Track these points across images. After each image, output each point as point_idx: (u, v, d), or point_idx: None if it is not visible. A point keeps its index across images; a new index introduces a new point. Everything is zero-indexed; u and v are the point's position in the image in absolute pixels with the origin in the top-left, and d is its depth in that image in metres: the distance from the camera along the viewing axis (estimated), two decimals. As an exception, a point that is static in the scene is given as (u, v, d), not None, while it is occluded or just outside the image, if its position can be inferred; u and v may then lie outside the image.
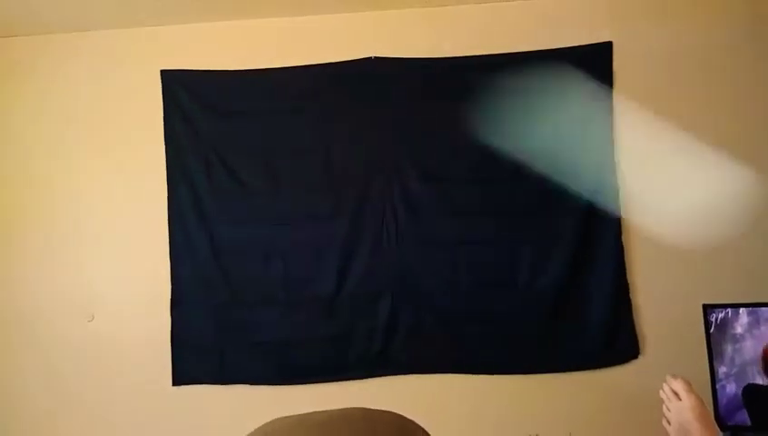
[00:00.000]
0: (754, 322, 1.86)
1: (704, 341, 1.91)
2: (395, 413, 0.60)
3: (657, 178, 2.48)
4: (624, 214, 2.46)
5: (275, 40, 2.63)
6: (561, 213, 2.46)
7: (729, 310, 1.90)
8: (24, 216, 2.63)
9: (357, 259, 2.49)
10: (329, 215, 2.51)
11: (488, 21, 2.58)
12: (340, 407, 0.60)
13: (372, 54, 2.57)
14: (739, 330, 1.87)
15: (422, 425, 0.61)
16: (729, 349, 1.87)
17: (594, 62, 2.52)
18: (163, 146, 2.59)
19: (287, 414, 0.59)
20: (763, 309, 1.87)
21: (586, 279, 2.43)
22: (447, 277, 2.47)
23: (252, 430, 0.59)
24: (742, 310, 1.88)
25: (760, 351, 1.84)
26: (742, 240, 2.42)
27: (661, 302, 2.42)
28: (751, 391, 1.81)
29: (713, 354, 1.89)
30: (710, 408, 1.38)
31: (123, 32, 2.67)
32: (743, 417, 1.82)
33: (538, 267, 2.44)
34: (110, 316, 2.56)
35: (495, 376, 2.45)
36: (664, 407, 1.27)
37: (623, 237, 2.45)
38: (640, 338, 2.42)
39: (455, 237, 2.48)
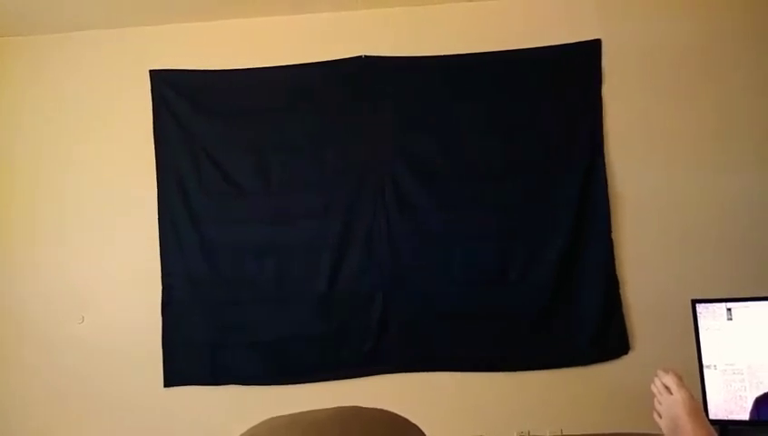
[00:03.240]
0: (742, 317, 1.88)
1: (693, 336, 1.93)
2: (387, 411, 0.60)
3: (646, 174, 2.49)
4: (613, 211, 2.47)
5: (265, 39, 2.63)
6: (551, 210, 2.47)
7: (717, 304, 1.91)
8: (13, 217, 2.60)
9: (349, 257, 2.49)
10: (321, 213, 2.51)
11: (478, 19, 2.59)
12: (333, 406, 0.60)
13: (363, 53, 2.56)
14: (727, 324, 1.89)
15: (415, 423, 0.61)
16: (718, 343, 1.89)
17: (583, 59, 2.53)
18: (153, 146, 2.57)
19: (280, 414, 0.59)
20: (751, 303, 1.89)
21: (577, 275, 2.44)
22: (438, 274, 2.47)
23: (245, 430, 0.59)
24: (730, 304, 1.90)
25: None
26: (730, 235, 2.45)
27: (650, 298, 2.44)
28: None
29: (701, 349, 1.91)
30: (699, 402, 1.40)
31: (111, 32, 2.65)
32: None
33: (529, 264, 2.45)
34: (100, 318, 2.55)
35: (486, 373, 2.45)
36: (655, 401, 1.28)
37: (612, 233, 2.46)
38: (630, 333, 2.44)
39: (446, 234, 2.48)
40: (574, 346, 2.44)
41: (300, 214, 2.52)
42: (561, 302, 2.44)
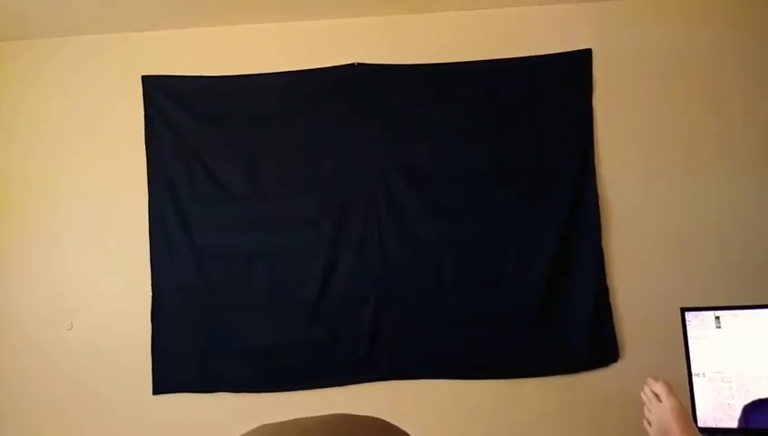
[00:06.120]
0: (730, 325, 1.89)
1: (682, 344, 1.94)
2: (379, 419, 0.59)
3: (637, 183, 2.52)
4: (603, 219, 2.49)
5: (257, 46, 2.63)
6: (542, 218, 2.48)
7: (706, 312, 1.92)
8: (2, 222, 2.58)
9: (341, 263, 2.49)
10: (313, 220, 2.50)
11: (470, 28, 2.61)
12: (324, 413, 0.59)
13: (356, 61, 2.57)
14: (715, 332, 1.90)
15: (406, 430, 0.60)
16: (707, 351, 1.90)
17: (574, 69, 2.56)
18: (144, 152, 2.56)
19: (270, 421, 0.59)
20: (740, 311, 1.90)
21: (567, 284, 2.46)
22: (431, 280, 2.48)
23: (235, 437, 0.59)
24: (719, 312, 1.91)
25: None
26: (720, 244, 2.47)
27: (640, 306, 2.46)
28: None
29: (690, 357, 1.92)
30: (688, 410, 1.40)
31: (103, 37, 2.64)
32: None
33: (519, 271, 2.46)
34: (89, 324, 2.52)
35: (477, 380, 2.45)
36: (645, 409, 1.29)
37: (602, 242, 2.48)
38: (620, 341, 2.45)
39: (439, 240, 2.49)
40: (564, 354, 2.44)
41: (291, 220, 2.51)
42: (551, 310, 2.45)
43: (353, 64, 2.57)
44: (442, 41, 2.60)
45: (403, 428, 0.60)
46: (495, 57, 2.55)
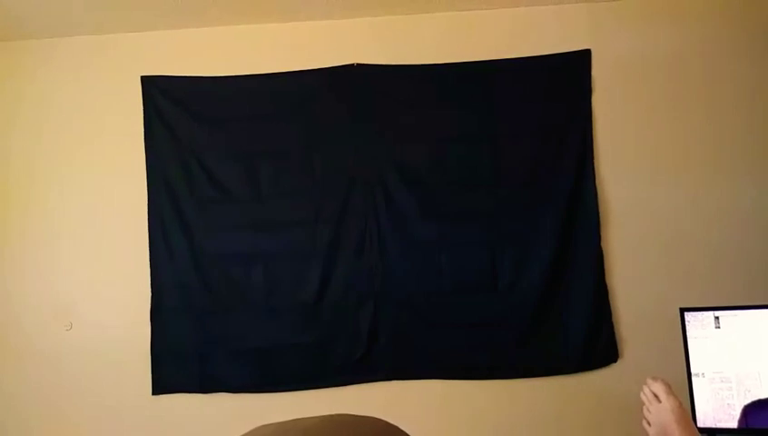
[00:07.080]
0: (730, 325, 1.89)
1: (682, 344, 1.94)
2: (379, 419, 0.60)
3: (636, 183, 2.52)
4: (603, 220, 2.49)
5: (256, 46, 2.63)
6: (541, 219, 2.48)
7: (705, 313, 1.93)
8: (1, 222, 2.57)
9: (339, 265, 2.49)
10: (311, 221, 2.50)
11: (469, 29, 2.61)
12: (324, 414, 0.60)
13: (354, 61, 2.57)
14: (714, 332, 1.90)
15: (406, 431, 0.60)
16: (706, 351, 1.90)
17: (573, 69, 2.56)
18: (144, 153, 2.56)
19: (270, 422, 0.59)
20: (739, 311, 1.90)
21: (566, 284, 2.46)
22: (429, 282, 2.48)
23: (235, 438, 0.59)
24: (718, 313, 1.91)
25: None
26: (719, 244, 2.47)
27: (639, 306, 2.46)
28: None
29: (689, 357, 1.92)
30: (688, 410, 1.40)
31: (103, 37, 2.64)
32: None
33: (519, 272, 2.46)
34: (88, 324, 2.52)
35: (476, 381, 2.46)
36: (644, 409, 1.29)
37: (602, 242, 2.48)
38: (619, 341, 2.45)
39: (436, 242, 2.49)
40: (563, 354, 2.44)
41: (290, 222, 2.51)
42: (551, 310, 2.45)
43: (352, 64, 2.57)
44: (441, 41, 2.60)
45: (403, 428, 0.60)
46: (494, 58, 2.55)
